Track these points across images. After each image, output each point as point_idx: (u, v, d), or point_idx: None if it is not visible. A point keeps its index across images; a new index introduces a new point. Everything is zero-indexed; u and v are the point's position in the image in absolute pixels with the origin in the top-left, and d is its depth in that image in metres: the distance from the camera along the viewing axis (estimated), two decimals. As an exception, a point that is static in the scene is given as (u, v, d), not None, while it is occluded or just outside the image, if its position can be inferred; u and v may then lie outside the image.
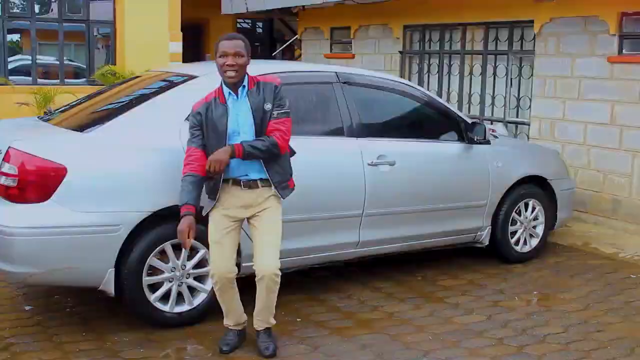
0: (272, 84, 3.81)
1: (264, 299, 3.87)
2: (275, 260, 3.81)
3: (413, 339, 4.26)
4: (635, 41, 7.17)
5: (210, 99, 3.78)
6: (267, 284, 3.80)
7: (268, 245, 3.82)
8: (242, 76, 3.76)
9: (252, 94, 3.77)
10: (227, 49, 3.69)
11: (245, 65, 3.74)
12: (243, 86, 3.77)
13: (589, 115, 7.57)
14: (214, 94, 3.80)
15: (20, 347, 4.00)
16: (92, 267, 4.02)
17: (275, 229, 3.87)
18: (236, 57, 3.68)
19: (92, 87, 11.68)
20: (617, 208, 7.33)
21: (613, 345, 4.25)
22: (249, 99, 3.76)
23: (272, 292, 3.84)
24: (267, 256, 3.80)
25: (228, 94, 3.77)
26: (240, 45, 3.72)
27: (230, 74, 3.69)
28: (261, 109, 3.75)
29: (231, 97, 3.77)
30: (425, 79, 9.91)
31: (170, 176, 4.16)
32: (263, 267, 3.80)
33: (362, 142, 4.93)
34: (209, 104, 3.77)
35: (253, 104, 3.75)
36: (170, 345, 4.09)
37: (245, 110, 3.75)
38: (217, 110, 3.74)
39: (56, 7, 12.84)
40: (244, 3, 12.20)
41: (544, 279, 5.55)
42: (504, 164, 5.70)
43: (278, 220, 3.90)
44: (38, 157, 3.92)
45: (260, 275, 3.80)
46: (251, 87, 3.78)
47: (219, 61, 3.71)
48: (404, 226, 5.18)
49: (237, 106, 3.76)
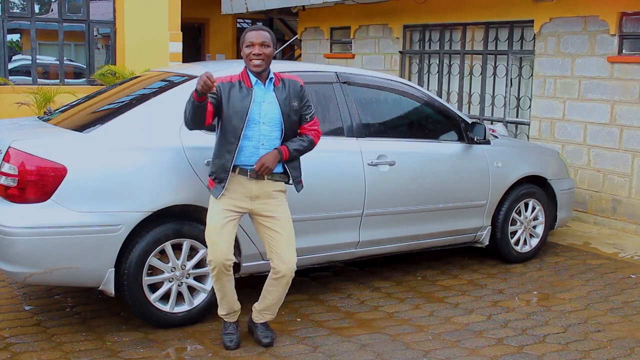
0: (298, 83, 3.95)
1: (279, 295, 3.99)
2: (295, 258, 3.94)
3: (413, 339, 4.27)
4: (635, 41, 7.18)
5: (235, 80, 3.84)
6: (287, 281, 3.93)
7: (288, 243, 3.91)
8: (268, 66, 3.85)
9: (279, 89, 3.87)
10: (253, 40, 3.78)
11: (271, 56, 3.84)
12: (270, 78, 3.86)
13: (589, 115, 7.58)
14: (239, 77, 3.86)
15: (20, 347, 4.00)
16: (92, 267, 4.02)
17: (291, 227, 3.96)
18: (262, 46, 3.78)
19: (92, 87, 11.73)
20: (617, 208, 7.34)
21: (613, 345, 4.25)
22: (276, 93, 3.85)
23: (287, 287, 3.98)
24: (289, 254, 3.90)
25: (255, 81, 3.84)
26: (267, 36, 3.82)
27: (256, 62, 3.78)
28: (288, 105, 3.86)
29: (258, 85, 3.84)
30: (425, 79, 9.91)
31: (171, 176, 4.17)
32: (285, 265, 3.89)
33: (362, 142, 4.93)
34: (233, 85, 3.82)
35: (280, 98, 3.85)
36: (170, 345, 4.09)
37: (272, 102, 3.83)
38: (241, 92, 3.80)
39: (56, 7, 12.84)
40: (244, 3, 12.21)
41: (544, 279, 5.56)
42: (504, 164, 5.70)
43: (290, 216, 3.98)
44: (38, 157, 3.91)
45: (282, 273, 3.89)
46: (277, 84, 3.88)
47: (246, 51, 3.80)
48: (403, 226, 5.18)
49: (263, 95, 3.83)
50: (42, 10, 13.24)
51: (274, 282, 3.94)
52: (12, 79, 12.20)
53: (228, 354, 3.96)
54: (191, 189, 4.19)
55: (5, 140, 4.05)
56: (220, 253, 3.83)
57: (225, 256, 3.84)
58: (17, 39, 13.68)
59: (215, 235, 3.84)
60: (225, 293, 3.97)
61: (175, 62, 12.83)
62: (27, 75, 12.68)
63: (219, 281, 3.92)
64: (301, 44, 12.60)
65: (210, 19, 17.52)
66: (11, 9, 12.56)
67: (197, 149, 4.22)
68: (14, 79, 12.29)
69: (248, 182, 3.85)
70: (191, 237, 4.24)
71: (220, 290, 3.97)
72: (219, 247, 3.83)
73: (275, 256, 3.90)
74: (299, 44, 12.92)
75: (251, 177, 3.84)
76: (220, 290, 3.97)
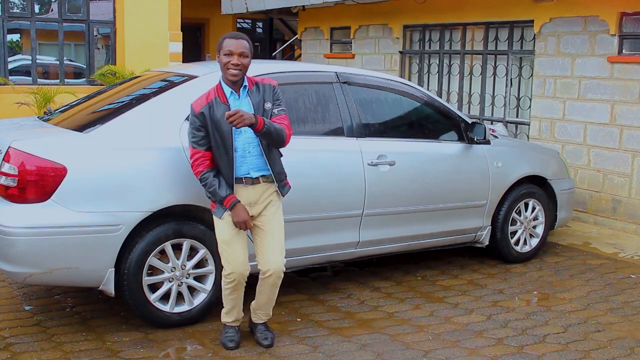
0: (271, 84, 3.92)
1: (268, 294, 3.97)
2: (283, 257, 3.93)
3: (413, 339, 4.27)
4: (635, 41, 7.18)
5: (211, 99, 3.81)
6: (274, 281, 3.91)
7: (276, 243, 3.91)
8: (244, 76, 3.83)
9: (253, 93, 3.85)
10: (232, 49, 3.74)
11: (248, 66, 3.81)
12: (244, 86, 3.84)
13: (589, 115, 7.58)
14: (214, 93, 3.82)
15: (20, 347, 4.00)
16: (92, 267, 4.02)
17: (280, 227, 3.95)
18: (241, 57, 3.75)
19: (92, 87, 11.73)
20: (617, 208, 7.34)
21: (613, 345, 4.25)
22: (250, 98, 3.83)
23: (277, 287, 3.97)
24: (275, 254, 3.89)
25: (230, 93, 3.82)
26: (246, 46, 3.79)
27: (233, 72, 3.75)
28: (261, 108, 3.83)
29: (233, 96, 3.82)
30: (425, 79, 9.91)
31: (171, 176, 4.17)
32: (271, 264, 3.88)
33: (362, 142, 4.93)
34: (211, 104, 3.79)
35: (254, 102, 3.83)
36: (170, 345, 4.09)
37: (247, 108, 3.80)
38: (219, 109, 3.77)
39: (56, 7, 12.84)
40: (244, 3, 12.21)
41: (543, 279, 5.56)
42: (504, 164, 5.70)
43: (282, 218, 3.98)
44: (38, 157, 3.91)
45: (269, 272, 3.88)
46: (251, 87, 3.86)
47: (223, 59, 3.75)
48: (403, 226, 5.18)
49: (239, 104, 3.81)
50: (42, 10, 13.24)
51: (262, 282, 3.94)
52: (12, 79, 12.21)
53: (228, 354, 3.96)
54: (191, 189, 4.18)
55: (5, 140, 4.05)
56: (240, 265, 3.85)
57: (244, 267, 3.87)
58: (17, 39, 13.68)
59: (230, 249, 3.85)
60: (237, 303, 3.99)
61: (175, 62, 12.84)
62: (27, 75, 12.69)
63: (235, 292, 3.93)
64: (301, 44, 12.60)
65: (210, 19, 17.53)
66: (11, 9, 12.57)
67: (197, 149, 4.21)
68: (14, 79, 12.30)
69: (244, 189, 3.85)
70: (191, 237, 4.24)
71: (233, 301, 3.97)
72: (237, 259, 3.85)
73: (261, 256, 3.91)
74: (299, 44, 12.92)
75: (246, 183, 3.84)
76: (233, 301, 3.97)
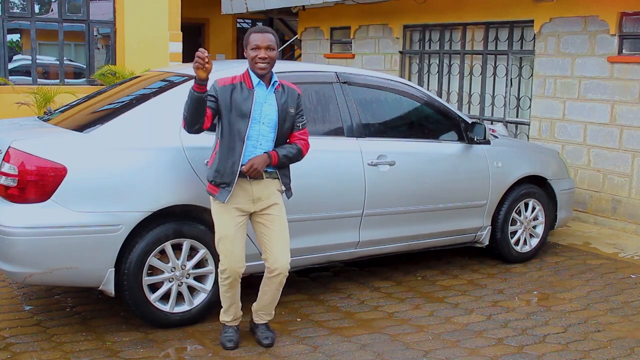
0: (296, 91, 3.98)
1: (273, 293, 3.99)
2: (289, 256, 3.95)
3: (413, 339, 4.27)
4: (635, 41, 7.18)
5: (237, 82, 3.85)
6: (280, 280, 3.93)
7: (282, 242, 3.92)
8: (272, 68, 3.87)
9: (279, 93, 3.90)
10: (259, 42, 3.80)
11: (275, 58, 3.86)
12: (275, 82, 3.89)
13: (589, 115, 7.58)
14: (240, 78, 3.86)
15: (20, 347, 4.00)
16: (92, 267, 4.02)
17: (285, 226, 3.97)
18: (268, 50, 3.80)
19: (92, 87, 11.73)
20: (617, 208, 7.34)
21: (613, 345, 4.25)
22: (276, 96, 3.88)
23: (282, 286, 3.98)
24: (282, 253, 3.91)
25: (257, 82, 3.85)
26: (272, 39, 3.84)
27: (262, 66, 3.80)
28: (285, 110, 3.89)
29: (260, 86, 3.85)
30: (425, 79, 9.91)
31: (171, 176, 4.17)
32: (279, 263, 3.89)
33: (362, 142, 4.93)
34: (235, 86, 3.83)
35: (279, 102, 3.88)
36: (170, 345, 4.09)
37: (272, 104, 3.86)
38: (242, 93, 3.81)
39: (56, 7, 12.84)
40: (244, 3, 12.21)
41: (543, 279, 5.56)
42: (504, 164, 5.70)
43: (285, 217, 3.99)
44: (38, 157, 3.91)
45: (277, 272, 3.89)
46: (278, 88, 3.90)
47: (251, 53, 3.81)
48: (403, 226, 5.18)
49: (264, 96, 3.85)
50: (42, 10, 13.24)
51: (267, 281, 3.95)
52: (12, 79, 12.21)
53: (228, 354, 3.96)
54: (191, 188, 4.19)
55: (5, 140, 4.05)
56: (236, 261, 3.86)
57: (239, 264, 3.88)
58: (17, 39, 13.68)
59: (229, 245, 3.85)
60: (234, 300, 4.00)
61: (175, 62, 12.84)
62: (27, 75, 12.69)
63: (231, 289, 3.93)
64: (301, 44, 12.60)
65: (210, 19, 17.53)
66: (11, 9, 12.57)
67: (197, 149, 4.22)
68: (14, 79, 12.30)
69: (248, 184, 3.86)
70: (191, 237, 4.24)
71: (230, 298, 3.98)
72: (234, 255, 3.85)
73: (269, 254, 3.91)
74: (299, 44, 12.92)
75: (250, 177, 3.84)
76: (230, 298, 3.98)
